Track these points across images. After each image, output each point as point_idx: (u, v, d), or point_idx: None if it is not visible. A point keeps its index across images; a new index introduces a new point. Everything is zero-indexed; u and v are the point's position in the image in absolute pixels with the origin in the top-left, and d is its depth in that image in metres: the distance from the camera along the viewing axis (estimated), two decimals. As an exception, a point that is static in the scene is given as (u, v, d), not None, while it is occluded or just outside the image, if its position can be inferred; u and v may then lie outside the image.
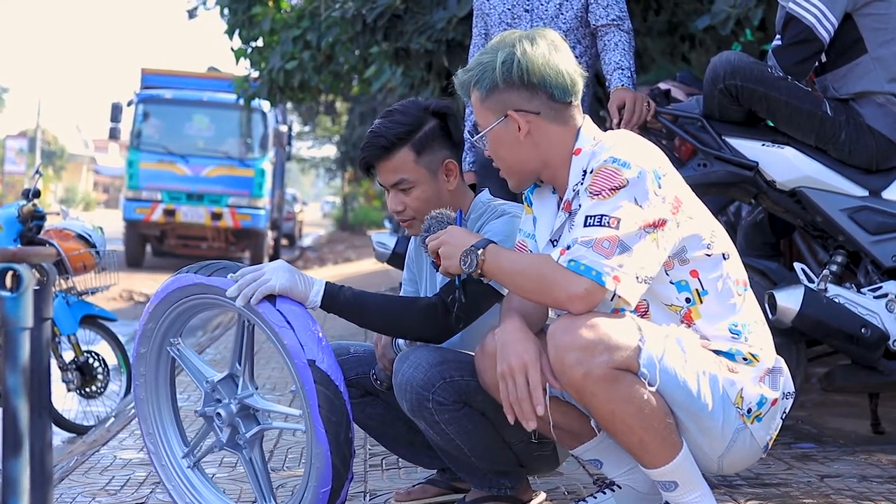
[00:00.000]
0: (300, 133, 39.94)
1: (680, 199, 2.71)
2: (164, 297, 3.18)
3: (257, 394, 3.15)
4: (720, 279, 2.76)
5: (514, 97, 2.80)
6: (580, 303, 2.62)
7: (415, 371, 2.99)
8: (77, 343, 6.32)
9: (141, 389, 3.34)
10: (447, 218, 2.96)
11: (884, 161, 4.09)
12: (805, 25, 3.99)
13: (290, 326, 2.91)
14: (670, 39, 7.45)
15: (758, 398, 2.73)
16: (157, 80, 20.38)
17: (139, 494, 3.87)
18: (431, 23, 7.34)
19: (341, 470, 2.92)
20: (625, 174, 2.64)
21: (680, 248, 2.72)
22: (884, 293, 4.04)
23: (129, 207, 19.26)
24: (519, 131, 2.81)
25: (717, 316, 2.76)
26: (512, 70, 2.78)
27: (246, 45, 10.34)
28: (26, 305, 2.19)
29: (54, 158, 61.18)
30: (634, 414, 2.63)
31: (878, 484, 3.64)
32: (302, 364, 2.88)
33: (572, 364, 2.61)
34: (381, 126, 3.18)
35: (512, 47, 2.78)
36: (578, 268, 2.60)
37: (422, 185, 3.17)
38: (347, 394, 2.94)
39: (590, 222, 2.64)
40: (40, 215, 6.18)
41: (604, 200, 2.64)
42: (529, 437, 3.09)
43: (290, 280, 2.95)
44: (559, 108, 2.81)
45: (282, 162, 23.45)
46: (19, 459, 2.20)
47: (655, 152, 2.76)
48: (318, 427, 2.87)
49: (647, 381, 2.63)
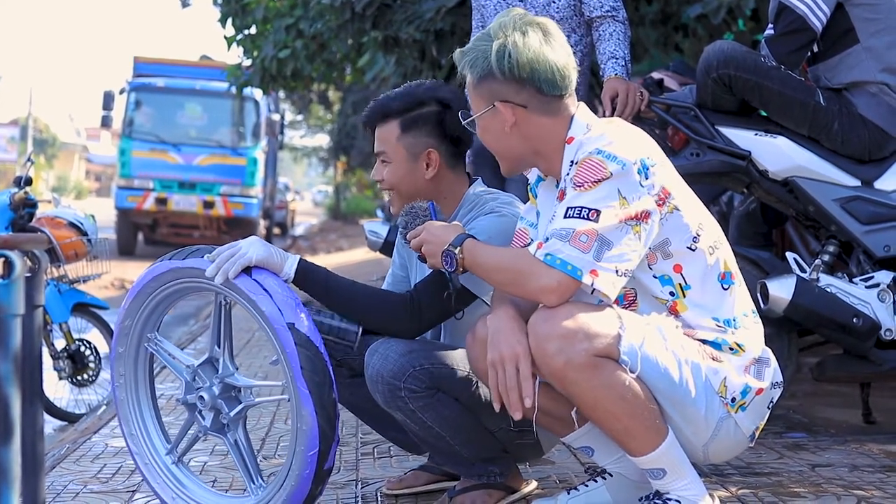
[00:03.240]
0: (293, 122, 39.92)
1: (668, 191, 2.71)
2: (139, 290, 3.18)
3: (238, 373, 3.15)
4: (705, 274, 2.76)
5: (503, 88, 2.79)
6: (552, 295, 2.63)
7: (384, 362, 3.01)
8: (69, 331, 6.31)
9: (121, 390, 3.32)
10: (420, 211, 2.99)
11: (876, 151, 4.09)
12: (797, 15, 3.99)
13: (266, 293, 2.94)
14: (663, 29, 7.44)
15: (742, 387, 2.74)
16: (150, 69, 20.35)
17: (131, 482, 3.87)
18: (420, 12, 7.33)
19: (328, 431, 2.92)
20: (609, 167, 2.64)
21: (663, 241, 2.72)
22: (875, 283, 4.04)
23: (121, 196, 19.25)
24: (505, 122, 2.81)
25: (702, 308, 2.76)
26: (503, 62, 2.77)
27: (239, 33, 10.32)
28: (18, 292, 2.19)
29: (46, 147, 61.04)
30: (617, 400, 2.64)
31: (868, 473, 3.64)
32: (281, 327, 2.90)
33: (553, 353, 2.62)
34: (390, 93, 3.27)
35: (505, 38, 2.77)
36: (554, 262, 2.62)
37: (396, 164, 3.22)
38: (328, 354, 2.96)
39: (570, 214, 2.65)
40: (32, 203, 6.16)
41: (585, 192, 2.64)
42: (507, 425, 3.09)
43: (265, 252, 3.01)
44: (548, 100, 2.80)
45: (274, 151, 23.44)
46: (10, 447, 2.19)
47: (645, 141, 2.76)
48: (302, 389, 2.88)
49: (629, 367, 2.64)
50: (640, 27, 7.23)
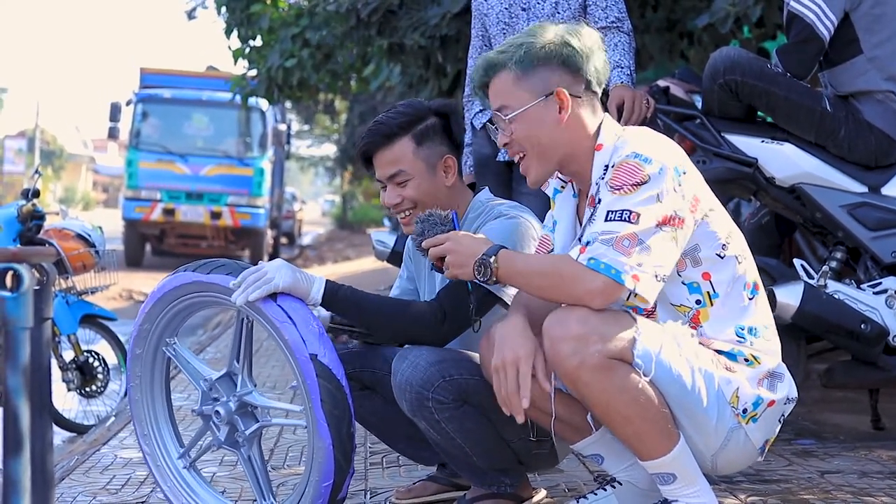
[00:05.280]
0: (299, 132, 39.94)
1: (698, 198, 2.72)
2: (160, 296, 3.18)
3: (256, 391, 3.16)
4: (732, 282, 2.76)
5: (559, 77, 2.79)
6: (598, 298, 2.62)
7: (413, 370, 3.00)
8: (77, 342, 6.32)
9: (136, 391, 3.33)
10: (440, 219, 2.92)
11: (883, 157, 4.09)
12: (806, 23, 3.99)
13: (291, 321, 2.92)
14: (668, 36, 7.44)
15: (754, 398, 2.73)
16: (156, 80, 20.38)
17: (140, 493, 3.87)
18: (425, 19, 7.34)
19: (343, 464, 2.93)
20: (646, 169, 2.64)
21: (693, 246, 2.72)
22: (883, 289, 4.04)
23: (129, 207, 19.28)
24: (560, 112, 2.79)
25: (725, 319, 2.76)
26: (561, 49, 2.78)
27: (244, 43, 10.33)
28: (26, 305, 2.19)
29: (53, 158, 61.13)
30: (629, 403, 2.64)
31: (878, 480, 3.64)
32: (304, 358, 2.89)
33: (567, 354, 2.62)
34: (383, 117, 3.23)
35: (556, 34, 2.80)
36: (598, 266, 2.61)
37: (418, 178, 3.19)
38: (349, 388, 2.95)
39: (611, 217, 2.64)
40: (40, 215, 6.17)
41: (625, 195, 2.64)
42: (528, 435, 3.09)
43: (292, 278, 2.98)
44: (592, 97, 2.83)
45: (281, 160, 23.45)
46: (20, 459, 2.20)
47: (676, 149, 2.77)
48: (321, 421, 2.88)
49: (642, 371, 2.64)
50: (645, 34, 7.23)
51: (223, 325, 10.34)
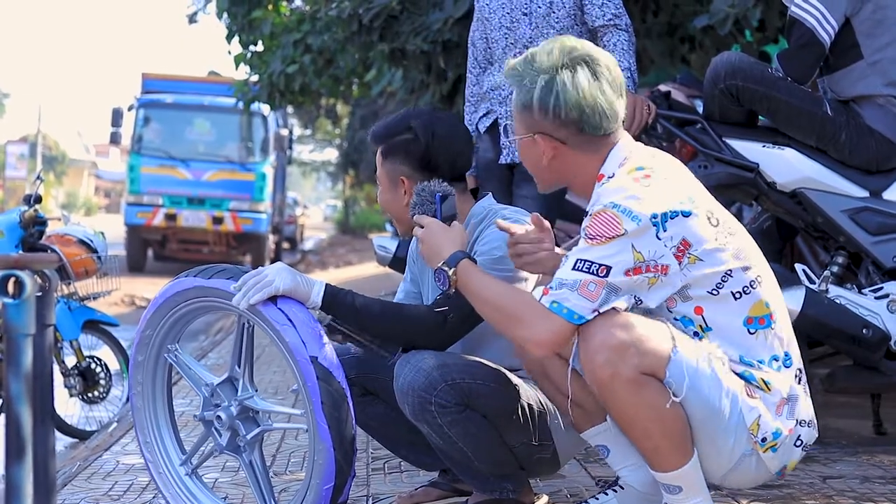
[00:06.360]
0: (301, 137, 39.94)
1: (688, 242, 2.63)
2: (162, 302, 3.19)
3: (257, 395, 3.16)
4: (728, 318, 2.70)
5: (543, 123, 2.75)
6: (540, 349, 2.69)
7: (416, 374, 3.00)
8: (79, 348, 6.33)
9: (138, 398, 3.33)
10: (428, 196, 3.01)
11: (884, 162, 4.08)
12: (806, 28, 3.99)
13: (291, 324, 2.93)
14: (669, 41, 7.44)
15: (774, 429, 2.71)
16: (158, 85, 20.39)
17: (142, 499, 3.88)
18: (427, 24, 7.34)
19: (344, 466, 2.93)
20: (623, 224, 2.60)
21: (682, 287, 2.68)
22: (885, 294, 4.04)
23: (131, 212, 19.29)
24: (543, 155, 2.79)
25: (727, 346, 2.71)
26: (548, 100, 2.72)
27: (246, 49, 10.34)
28: (29, 312, 2.20)
29: (55, 164, 61.12)
30: (654, 420, 2.64)
31: (880, 485, 3.64)
32: (304, 361, 2.90)
33: (601, 363, 2.62)
34: (381, 121, 3.35)
35: (554, 74, 2.72)
36: (560, 310, 2.62)
37: (383, 188, 3.29)
38: (350, 390, 2.95)
39: (578, 266, 2.63)
40: (42, 221, 6.18)
41: (597, 246, 2.62)
42: (530, 440, 3.09)
43: (292, 281, 2.99)
44: (589, 139, 2.76)
45: (283, 166, 23.47)
46: (23, 465, 2.20)
47: (670, 189, 2.68)
48: (321, 423, 2.89)
49: (673, 390, 2.63)
50: (646, 39, 7.23)
51: (225, 331, 10.34)
